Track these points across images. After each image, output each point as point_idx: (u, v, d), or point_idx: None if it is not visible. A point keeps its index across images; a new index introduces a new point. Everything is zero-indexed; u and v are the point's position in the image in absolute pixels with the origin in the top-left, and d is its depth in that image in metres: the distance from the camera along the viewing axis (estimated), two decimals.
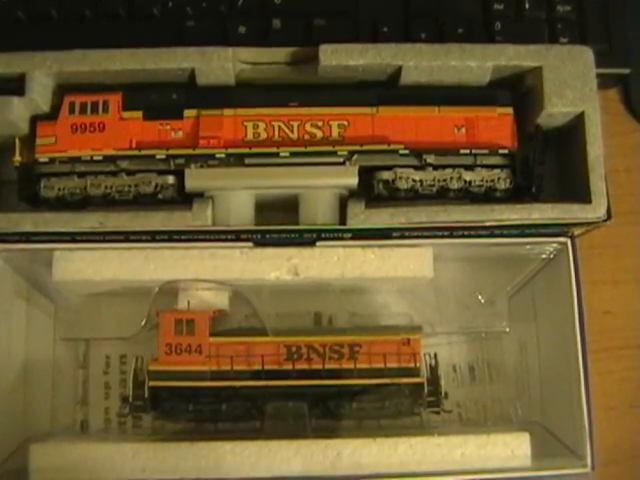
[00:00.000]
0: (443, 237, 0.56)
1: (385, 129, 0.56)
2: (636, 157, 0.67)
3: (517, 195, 0.57)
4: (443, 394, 0.56)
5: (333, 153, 0.56)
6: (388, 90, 0.58)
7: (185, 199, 0.56)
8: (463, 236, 0.56)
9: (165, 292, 0.56)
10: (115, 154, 0.56)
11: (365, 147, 0.56)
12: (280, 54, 0.58)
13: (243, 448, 0.53)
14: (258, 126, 0.56)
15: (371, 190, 0.57)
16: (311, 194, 0.56)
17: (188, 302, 0.57)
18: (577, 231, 0.57)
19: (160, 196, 0.56)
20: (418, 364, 0.56)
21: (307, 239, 0.55)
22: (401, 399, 0.56)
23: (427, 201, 0.56)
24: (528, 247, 0.58)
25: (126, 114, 0.57)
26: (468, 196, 0.58)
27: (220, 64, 0.56)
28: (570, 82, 0.56)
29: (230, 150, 0.56)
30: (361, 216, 0.55)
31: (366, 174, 0.57)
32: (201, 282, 0.56)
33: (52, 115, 0.57)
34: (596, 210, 0.55)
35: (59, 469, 0.53)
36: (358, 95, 0.57)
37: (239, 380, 0.55)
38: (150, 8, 0.61)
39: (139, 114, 0.57)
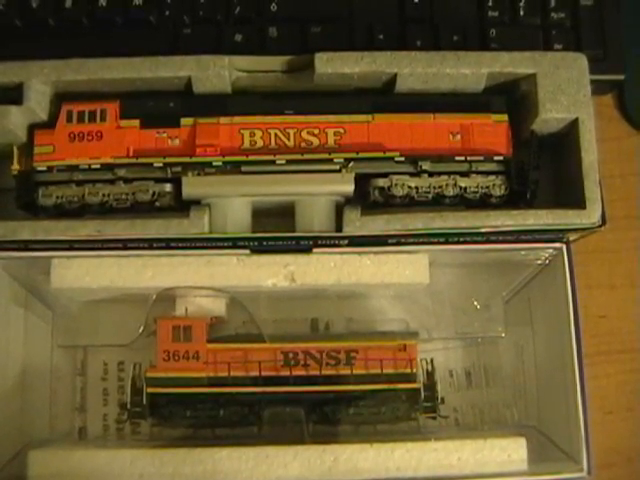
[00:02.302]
0: (439, 243, 0.56)
1: (381, 136, 0.57)
2: (631, 162, 0.67)
3: (512, 201, 0.58)
4: (440, 399, 0.57)
5: (329, 160, 0.56)
6: (383, 97, 0.58)
7: (182, 207, 0.56)
8: (459, 242, 0.56)
9: (162, 299, 0.57)
10: (112, 162, 0.56)
11: (361, 154, 0.56)
12: (276, 62, 0.58)
13: (241, 454, 0.53)
14: (254, 134, 0.57)
15: (367, 197, 0.57)
16: (307, 201, 0.56)
17: (186, 309, 0.57)
18: (572, 236, 0.57)
19: (157, 204, 0.57)
20: (414, 369, 0.57)
21: (304, 246, 0.55)
22: (398, 404, 0.56)
23: (423, 208, 0.57)
24: (523, 253, 0.58)
25: (123, 122, 0.57)
26: (463, 202, 0.58)
27: (216, 72, 0.56)
28: (564, 88, 0.57)
29: (227, 158, 0.56)
30: (357, 223, 0.55)
31: (362, 181, 0.57)
32: (198, 289, 0.56)
33: (50, 123, 0.57)
34: (591, 216, 0.55)
35: (57, 475, 0.53)
36: (354, 102, 0.57)
37: (237, 386, 0.55)
38: (147, 16, 0.61)
39: (136, 122, 0.57)
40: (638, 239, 0.67)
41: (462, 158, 0.57)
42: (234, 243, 0.55)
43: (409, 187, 0.57)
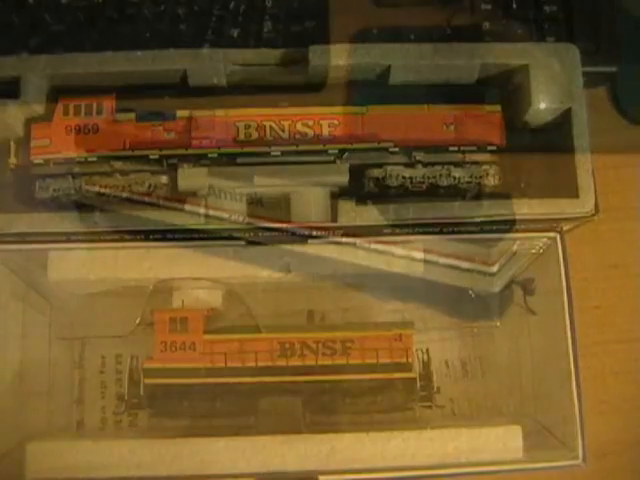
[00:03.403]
0: (433, 233, 0.56)
1: (375, 127, 0.57)
2: (624, 154, 0.68)
3: (506, 191, 0.58)
4: (435, 389, 0.57)
5: (324, 152, 0.56)
6: (377, 89, 0.58)
7: (178, 198, 0.57)
8: (453, 232, 0.57)
9: (159, 291, 0.57)
10: (109, 155, 0.56)
11: (355, 145, 0.56)
12: (271, 55, 0.58)
13: (238, 444, 0.53)
14: (249, 126, 0.57)
15: (362, 187, 0.57)
16: (302, 192, 0.57)
17: (182, 301, 0.58)
18: (566, 226, 0.57)
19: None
20: (410, 359, 0.57)
21: (299, 237, 0.56)
22: (394, 394, 0.57)
23: (417, 198, 0.57)
24: (517, 242, 0.58)
25: (119, 116, 0.57)
26: (457, 192, 0.58)
27: (212, 65, 0.57)
28: (557, 79, 0.57)
29: (222, 150, 0.56)
30: (352, 213, 0.55)
31: (357, 172, 0.57)
32: (195, 280, 0.57)
33: (46, 117, 0.57)
34: (584, 205, 0.55)
35: (55, 468, 0.53)
36: (348, 94, 0.58)
37: (233, 377, 0.56)
38: (142, 11, 0.62)
39: (132, 115, 0.57)
40: (632, 230, 0.67)
41: (456, 148, 0.57)
42: (230, 234, 0.56)
43: (403, 177, 0.57)
